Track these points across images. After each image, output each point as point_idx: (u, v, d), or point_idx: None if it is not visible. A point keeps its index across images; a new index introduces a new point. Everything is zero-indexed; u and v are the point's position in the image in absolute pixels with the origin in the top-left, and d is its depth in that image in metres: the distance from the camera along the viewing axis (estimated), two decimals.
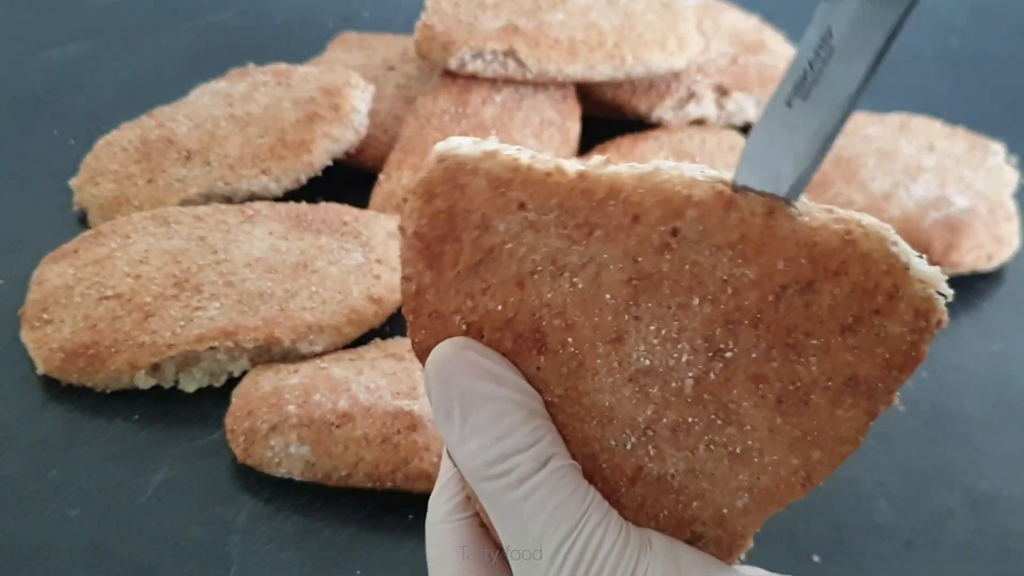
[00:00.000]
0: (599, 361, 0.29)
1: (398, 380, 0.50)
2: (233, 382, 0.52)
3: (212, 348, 0.51)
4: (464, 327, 0.30)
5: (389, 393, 0.48)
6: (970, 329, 0.60)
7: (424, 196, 0.29)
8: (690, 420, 0.29)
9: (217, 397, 0.52)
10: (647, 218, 0.28)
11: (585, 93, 0.70)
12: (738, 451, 0.29)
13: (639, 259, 0.28)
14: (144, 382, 0.52)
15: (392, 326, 0.56)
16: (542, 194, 0.28)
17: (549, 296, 0.29)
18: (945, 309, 0.27)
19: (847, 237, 0.27)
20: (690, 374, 0.29)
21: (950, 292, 0.27)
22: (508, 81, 0.67)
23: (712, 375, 0.29)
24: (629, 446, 0.30)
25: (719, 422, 0.29)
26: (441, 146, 0.29)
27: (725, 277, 0.27)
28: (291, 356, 0.53)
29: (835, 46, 0.27)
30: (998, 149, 0.69)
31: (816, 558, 0.47)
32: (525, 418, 0.29)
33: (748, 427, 0.29)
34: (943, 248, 0.61)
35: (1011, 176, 0.66)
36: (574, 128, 0.68)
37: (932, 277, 0.27)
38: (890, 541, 0.48)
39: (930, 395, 0.55)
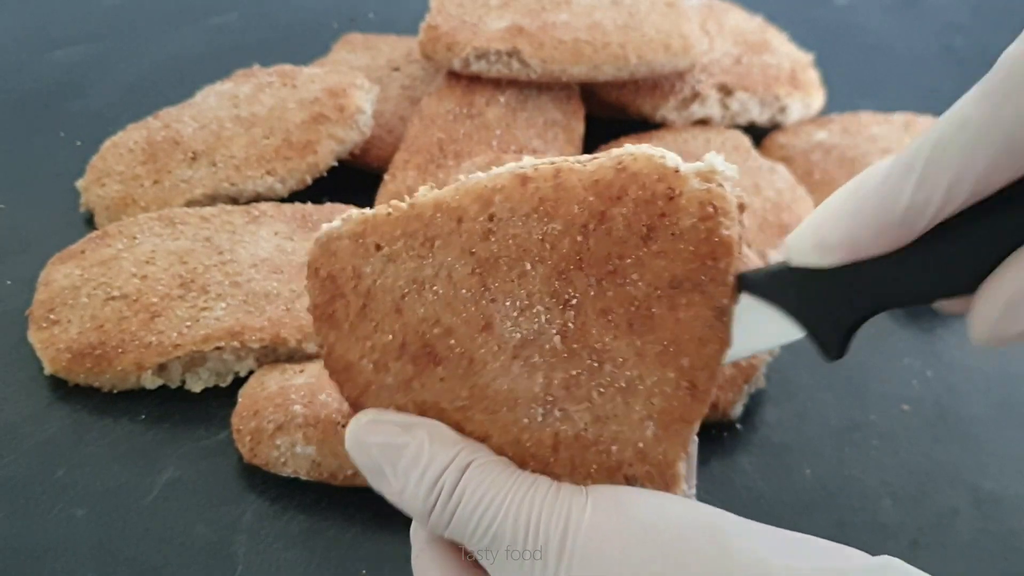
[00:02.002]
0: (483, 351, 0.33)
1: None
2: (239, 382, 0.53)
3: (218, 348, 0.51)
4: (372, 367, 0.34)
5: None
6: None
7: (311, 275, 0.35)
8: (574, 373, 0.32)
9: (223, 397, 0.52)
10: (467, 215, 0.32)
11: (589, 93, 0.70)
12: (623, 385, 0.32)
13: (473, 250, 0.32)
14: (150, 382, 0.52)
15: None
16: (387, 231, 0.33)
17: (422, 311, 0.33)
18: (730, 194, 0.30)
19: (619, 166, 0.31)
20: (554, 331, 0.32)
21: (732, 171, 0.30)
22: (512, 81, 0.67)
23: (570, 324, 0.32)
24: (540, 418, 0.33)
25: (596, 365, 0.32)
26: (318, 233, 0.35)
27: (541, 237, 0.31)
28: (297, 356, 0.53)
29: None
30: None
31: None
32: (440, 446, 0.32)
33: (620, 359, 0.32)
34: None
35: None
36: (578, 128, 0.68)
37: (706, 170, 0.30)
38: (895, 540, 0.48)
39: (935, 394, 0.55)
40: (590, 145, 0.68)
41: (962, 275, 0.27)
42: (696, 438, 0.37)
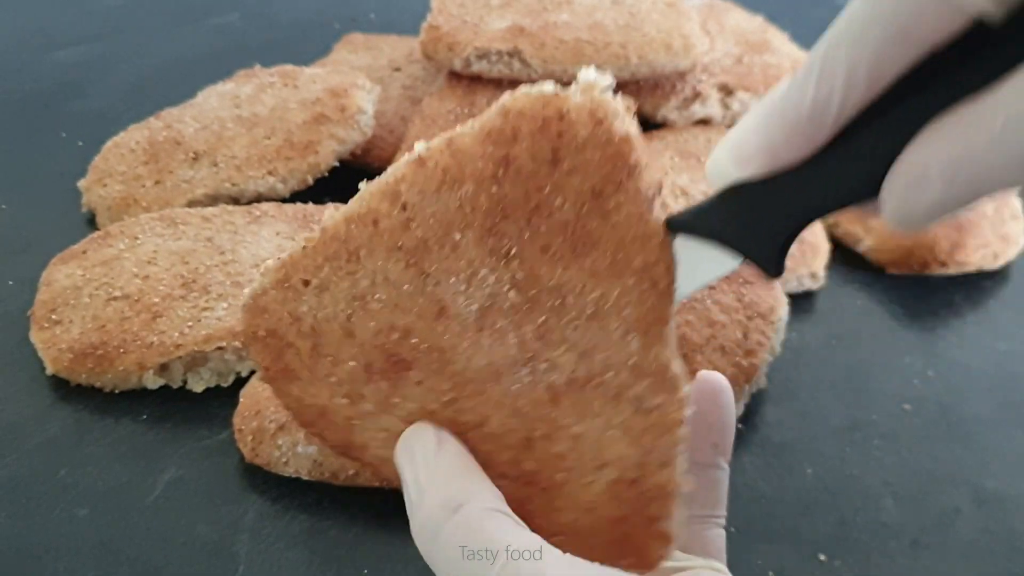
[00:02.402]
0: (447, 337, 0.32)
1: None
2: (241, 382, 0.53)
3: (220, 348, 0.52)
4: (346, 401, 0.34)
5: None
6: (976, 328, 0.60)
7: (251, 341, 0.34)
8: (542, 320, 0.32)
9: (225, 397, 0.52)
10: (381, 215, 0.32)
11: None
12: (592, 311, 0.32)
13: (399, 244, 0.32)
14: (152, 382, 0.52)
15: None
16: (309, 263, 0.33)
17: (373, 324, 0.33)
18: (612, 98, 0.30)
19: (503, 111, 0.30)
20: (506, 288, 0.32)
21: (607, 79, 0.31)
22: (514, 81, 0.67)
23: (518, 275, 0.31)
24: (527, 378, 0.32)
25: (558, 303, 0.32)
26: (240, 300, 0.34)
27: (458, 204, 0.31)
28: None
29: None
30: None
31: (822, 557, 0.47)
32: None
33: (578, 287, 0.31)
34: (949, 247, 0.61)
35: None
36: None
37: (584, 84, 0.30)
38: (897, 540, 0.48)
39: (936, 394, 0.55)
40: None
41: (873, 169, 0.28)
42: (727, 465, 0.37)
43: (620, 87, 0.70)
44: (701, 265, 0.32)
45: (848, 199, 0.29)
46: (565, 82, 0.32)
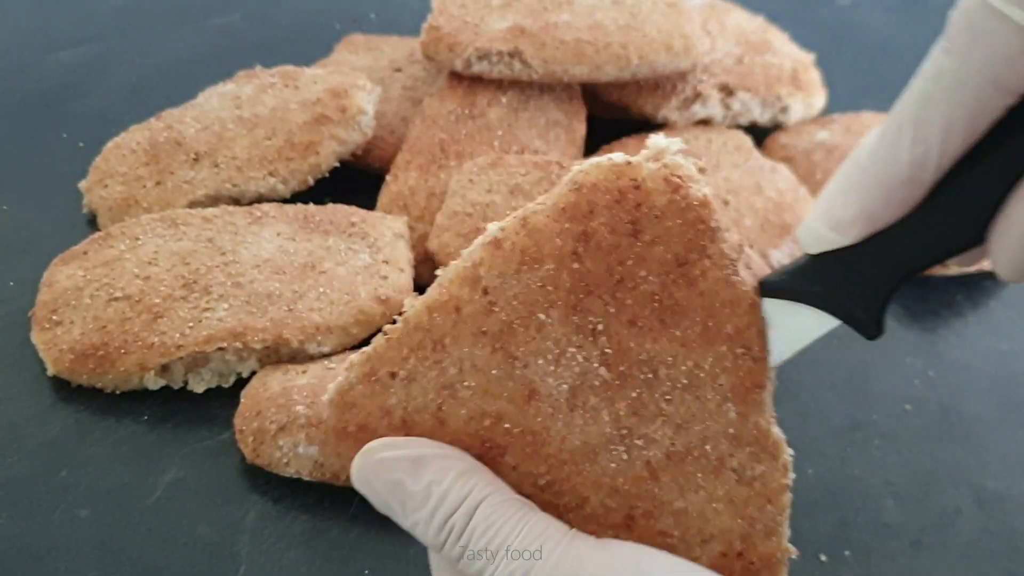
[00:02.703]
0: (539, 419, 0.32)
1: None
2: (242, 383, 0.53)
3: (221, 349, 0.52)
4: None
5: None
6: (978, 328, 0.60)
7: (341, 438, 0.34)
8: (635, 395, 0.31)
9: (226, 398, 0.52)
10: (463, 301, 0.32)
11: (591, 94, 0.70)
12: (685, 381, 0.31)
13: (484, 329, 0.32)
14: (153, 383, 0.52)
15: None
16: (394, 355, 0.33)
17: (464, 412, 0.32)
18: (684, 162, 0.30)
19: (576, 187, 0.31)
20: (596, 364, 0.31)
21: (677, 143, 0.31)
22: (514, 82, 0.67)
23: (607, 350, 0.31)
24: (625, 456, 0.32)
25: (651, 376, 0.31)
26: (326, 395, 0.34)
27: (540, 284, 0.31)
28: (299, 357, 0.53)
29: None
30: None
31: (823, 557, 0.47)
32: (450, 484, 0.31)
33: (669, 359, 0.31)
34: None
35: None
36: (580, 129, 0.68)
37: (655, 151, 0.31)
38: (898, 540, 0.48)
39: (938, 394, 0.55)
40: (592, 145, 0.68)
41: (975, 220, 0.28)
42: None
43: (620, 87, 0.70)
44: (796, 328, 0.32)
45: (948, 252, 0.29)
46: (566, 82, 0.32)
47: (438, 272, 0.33)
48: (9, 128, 0.73)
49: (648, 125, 0.70)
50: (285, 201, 0.62)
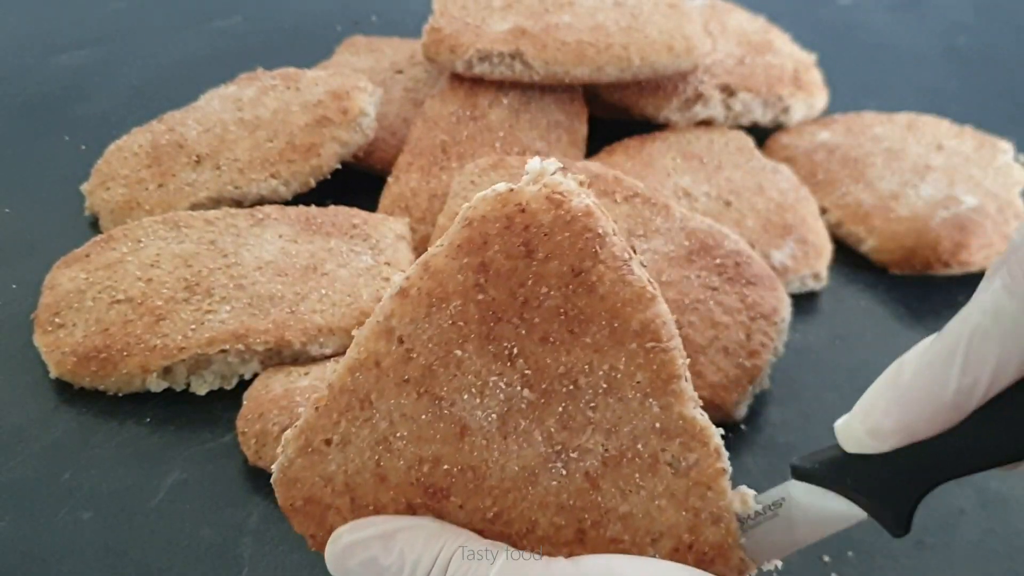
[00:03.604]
0: (475, 454, 0.33)
1: None
2: (244, 384, 0.53)
3: (223, 351, 0.52)
4: None
5: None
6: None
7: (291, 515, 0.35)
8: (560, 409, 0.32)
9: (228, 400, 0.52)
10: (380, 354, 0.33)
11: (592, 95, 0.70)
12: (605, 386, 0.32)
13: (406, 377, 0.32)
14: (156, 385, 0.52)
15: None
16: (325, 423, 0.34)
17: (402, 463, 0.33)
18: (563, 180, 0.32)
19: (467, 223, 0.32)
20: (519, 388, 0.32)
21: (552, 163, 0.32)
22: (515, 83, 0.67)
23: (527, 372, 0.32)
24: (563, 471, 0.33)
25: (572, 387, 0.32)
26: (272, 476, 0.35)
27: (450, 322, 0.32)
28: (301, 358, 0.53)
29: (780, 514, 0.33)
30: (1007, 147, 0.68)
31: (826, 558, 0.47)
32: (422, 546, 0.32)
33: (585, 366, 0.32)
34: (952, 247, 0.61)
35: (1020, 174, 0.66)
36: (581, 130, 0.68)
37: (533, 175, 0.32)
38: (901, 541, 0.48)
39: None
40: (593, 146, 0.68)
41: (1016, 440, 0.28)
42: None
43: (621, 88, 0.70)
44: (824, 512, 0.32)
45: (984, 467, 0.29)
46: (567, 84, 0.32)
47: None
48: (11, 131, 0.74)
49: (650, 126, 0.70)
50: (287, 203, 0.62)
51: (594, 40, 0.65)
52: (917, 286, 0.62)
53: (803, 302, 0.60)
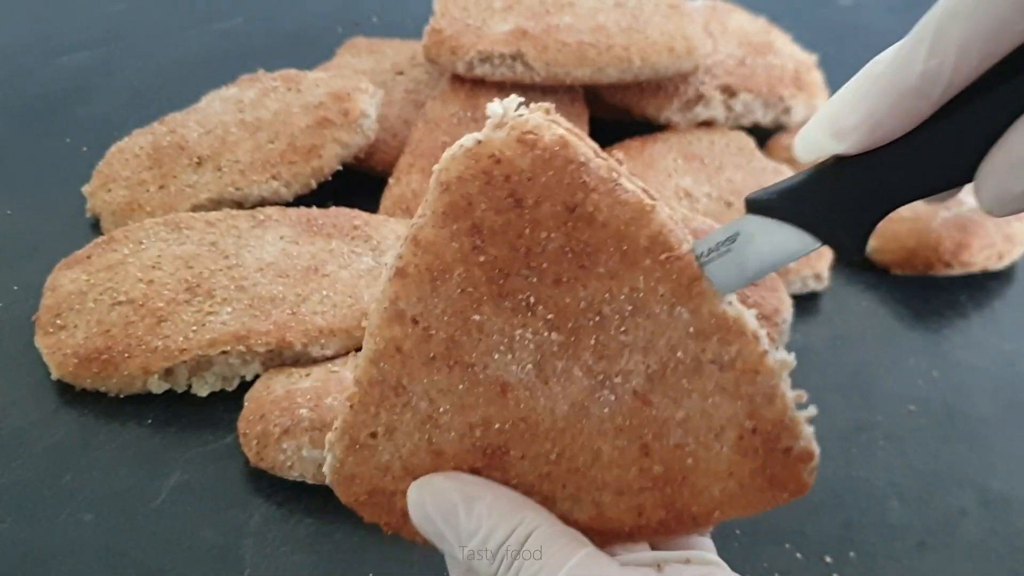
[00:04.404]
0: (522, 406, 0.33)
1: None
2: (245, 386, 0.53)
3: (224, 352, 0.52)
4: None
5: None
6: (982, 328, 0.60)
7: (359, 508, 0.35)
8: (592, 343, 0.32)
9: (229, 401, 0.52)
10: (398, 339, 0.32)
11: (593, 96, 0.70)
12: (631, 307, 0.32)
13: (431, 354, 0.32)
14: (157, 386, 0.52)
15: None
16: (364, 418, 0.34)
17: (453, 434, 0.33)
18: (526, 116, 0.30)
19: (443, 187, 0.31)
20: (545, 333, 0.32)
21: (510, 101, 0.31)
22: (516, 84, 0.67)
23: (550, 316, 0.32)
24: (613, 396, 0.33)
25: (598, 319, 0.32)
26: (326, 479, 0.35)
27: (459, 291, 0.31)
28: (303, 360, 0.53)
29: (733, 249, 0.32)
30: None
31: (828, 558, 0.47)
32: (500, 516, 0.32)
33: (605, 294, 0.32)
34: (954, 247, 0.61)
35: None
36: (582, 131, 0.68)
37: (495, 123, 0.30)
38: (903, 541, 0.48)
39: (942, 394, 0.55)
40: None
41: (970, 152, 0.28)
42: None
43: (622, 89, 0.70)
44: (775, 246, 0.32)
45: (941, 182, 0.29)
46: (568, 85, 0.32)
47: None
48: (13, 133, 0.74)
49: (650, 127, 0.70)
50: (288, 204, 0.62)
51: (595, 41, 0.65)
52: (918, 287, 0.62)
53: (804, 303, 0.60)
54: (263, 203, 0.62)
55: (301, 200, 0.62)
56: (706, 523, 0.34)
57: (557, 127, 0.31)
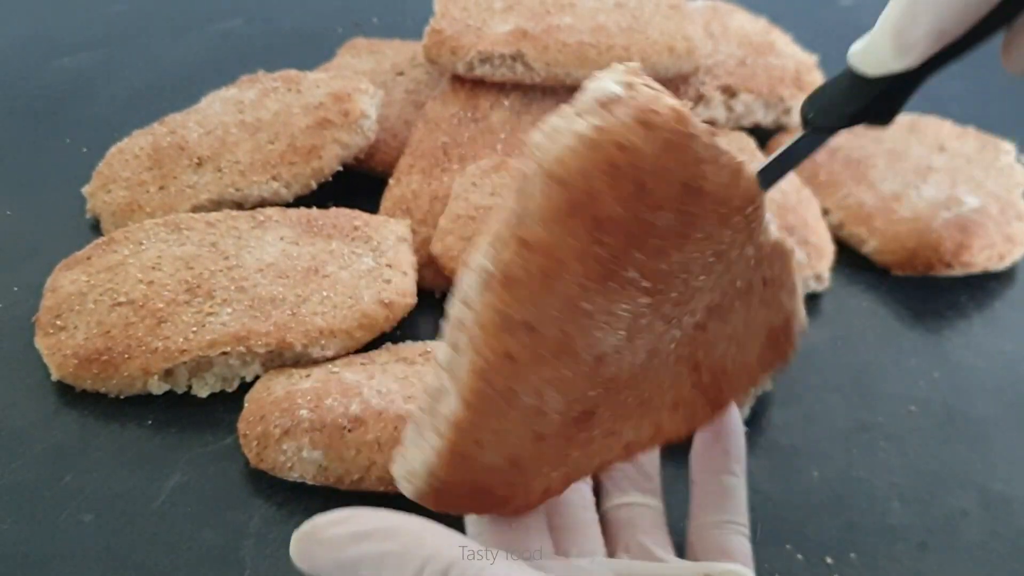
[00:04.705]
0: (613, 368, 0.32)
1: (409, 384, 0.50)
2: (246, 387, 0.53)
3: (224, 353, 0.52)
4: (558, 474, 0.35)
5: (400, 397, 0.49)
6: (982, 329, 0.60)
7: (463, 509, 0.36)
8: (675, 295, 0.32)
9: (230, 402, 0.52)
10: (510, 348, 0.31)
11: None
12: (712, 260, 0.32)
13: (542, 356, 0.31)
14: (157, 387, 0.52)
15: (403, 330, 0.56)
16: (472, 429, 0.32)
17: (557, 416, 0.32)
18: (636, 89, 0.29)
19: (559, 183, 0.29)
20: (638, 300, 0.31)
21: (617, 74, 0.29)
22: (517, 85, 0.67)
23: (646, 283, 0.31)
24: (679, 332, 0.34)
25: (685, 276, 0.32)
26: (411, 495, 0.35)
27: (577, 284, 0.30)
28: (303, 361, 0.53)
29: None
30: (1009, 148, 0.68)
31: (829, 560, 0.47)
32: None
33: (697, 255, 0.32)
34: (954, 248, 0.61)
35: (1022, 175, 0.66)
36: None
37: (601, 102, 0.29)
38: (904, 542, 0.48)
39: (942, 395, 0.55)
40: None
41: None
42: (741, 473, 0.41)
43: None
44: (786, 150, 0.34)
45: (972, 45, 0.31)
46: (568, 85, 0.32)
47: (450, 278, 0.33)
48: (12, 133, 0.74)
49: None
50: (288, 205, 0.62)
51: (595, 41, 0.65)
52: (919, 287, 0.62)
53: (805, 303, 0.60)
54: (263, 204, 0.62)
55: (301, 201, 0.62)
56: (736, 401, 0.38)
57: (664, 96, 0.29)
